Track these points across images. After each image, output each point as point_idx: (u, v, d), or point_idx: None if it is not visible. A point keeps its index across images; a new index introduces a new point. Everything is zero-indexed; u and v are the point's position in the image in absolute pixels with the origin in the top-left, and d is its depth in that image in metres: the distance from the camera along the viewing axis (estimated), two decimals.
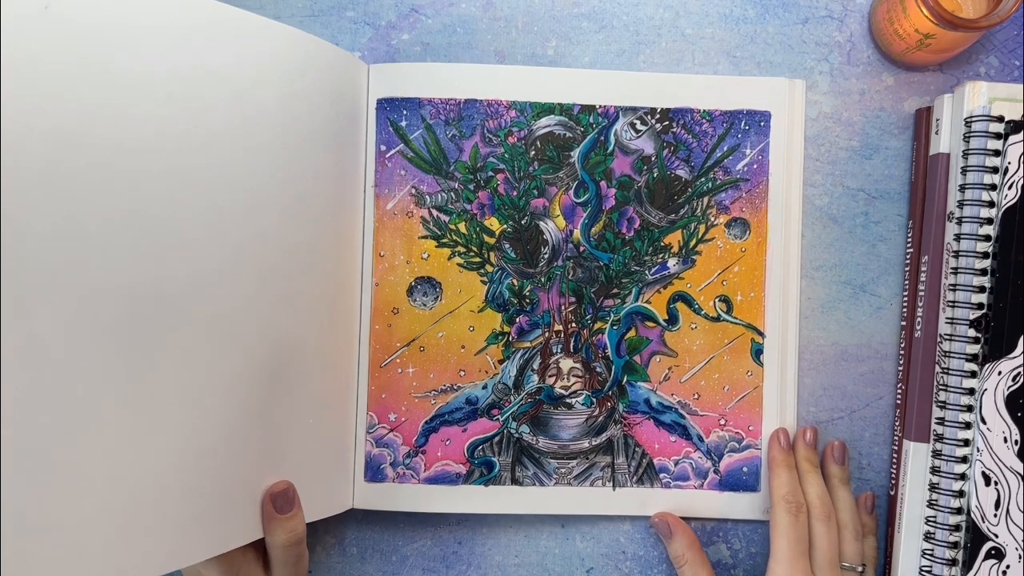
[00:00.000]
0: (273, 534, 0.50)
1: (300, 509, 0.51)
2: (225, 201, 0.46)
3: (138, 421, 0.42)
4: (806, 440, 0.57)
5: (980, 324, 0.53)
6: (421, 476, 0.57)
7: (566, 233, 0.57)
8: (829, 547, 0.53)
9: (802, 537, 0.53)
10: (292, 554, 0.50)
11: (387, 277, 0.57)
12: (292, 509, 0.50)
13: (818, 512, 0.54)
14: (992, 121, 0.53)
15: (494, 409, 0.58)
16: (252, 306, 0.47)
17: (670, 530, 0.56)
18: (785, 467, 0.56)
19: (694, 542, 0.56)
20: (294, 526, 0.50)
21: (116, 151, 0.41)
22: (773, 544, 0.53)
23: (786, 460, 0.56)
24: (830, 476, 0.57)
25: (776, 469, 0.56)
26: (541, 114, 0.57)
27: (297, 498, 0.50)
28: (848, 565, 0.54)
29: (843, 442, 0.58)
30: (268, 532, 0.50)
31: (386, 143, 0.57)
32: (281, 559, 0.50)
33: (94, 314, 0.40)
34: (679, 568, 0.56)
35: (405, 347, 0.57)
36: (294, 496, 0.50)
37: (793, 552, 0.52)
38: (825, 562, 0.53)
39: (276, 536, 0.50)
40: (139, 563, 0.42)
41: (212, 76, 0.45)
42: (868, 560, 0.56)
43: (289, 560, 0.51)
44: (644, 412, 0.58)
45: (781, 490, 0.55)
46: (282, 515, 0.50)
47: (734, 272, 0.58)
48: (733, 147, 0.58)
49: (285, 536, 0.50)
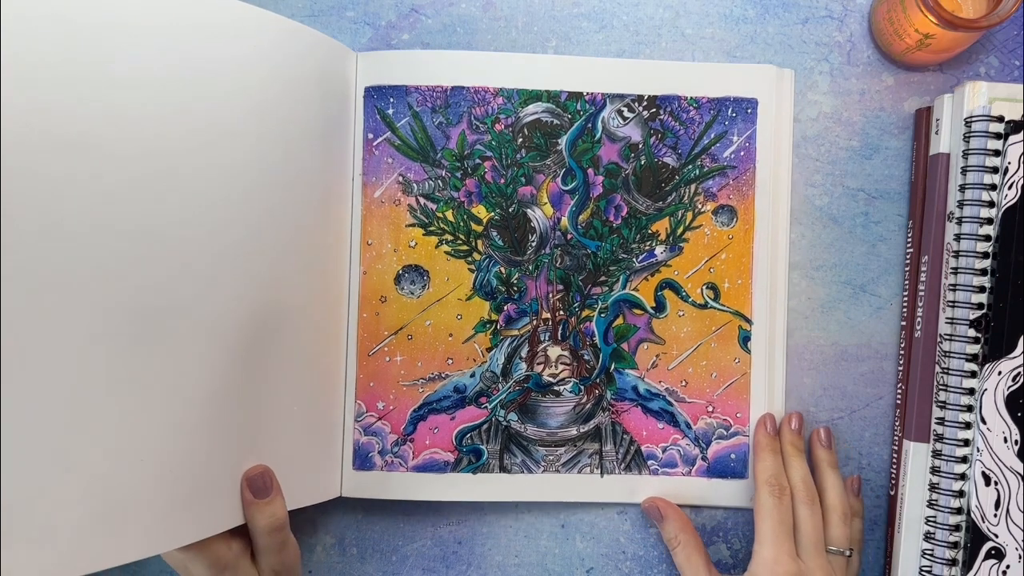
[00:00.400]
0: (253, 519, 0.49)
1: (279, 494, 0.50)
2: (213, 189, 0.46)
3: (121, 406, 0.42)
4: (791, 426, 0.57)
5: (980, 324, 0.53)
6: (409, 464, 0.57)
7: (553, 221, 0.58)
8: (813, 530, 0.53)
9: (786, 519, 0.53)
10: (276, 540, 0.50)
11: (375, 265, 0.57)
12: (270, 494, 0.50)
13: (802, 496, 0.54)
14: (992, 121, 0.53)
15: (482, 397, 0.58)
16: (238, 293, 0.48)
17: (660, 513, 0.56)
18: (770, 451, 0.56)
19: (686, 524, 0.56)
20: (273, 511, 0.50)
21: (106, 142, 0.41)
22: (757, 527, 0.53)
23: (771, 444, 0.56)
24: (818, 461, 0.57)
25: (760, 453, 0.56)
26: (528, 101, 0.57)
27: (275, 483, 0.50)
28: (835, 549, 0.54)
29: (828, 428, 0.58)
30: (248, 518, 0.50)
31: (373, 131, 0.57)
32: (265, 546, 0.50)
33: (77, 300, 0.41)
34: (673, 551, 0.56)
35: (393, 335, 0.57)
36: (271, 481, 0.50)
37: (777, 534, 0.52)
38: (810, 545, 0.52)
39: (257, 521, 0.49)
40: (120, 547, 0.43)
41: (202, 65, 0.46)
42: (855, 543, 0.56)
43: (273, 547, 0.50)
44: (632, 399, 0.58)
45: (765, 473, 0.54)
46: (260, 499, 0.49)
47: (721, 259, 0.58)
48: (720, 134, 0.58)
49: (265, 521, 0.49)
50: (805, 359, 0.59)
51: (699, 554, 0.55)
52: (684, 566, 0.55)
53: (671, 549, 0.56)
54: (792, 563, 0.51)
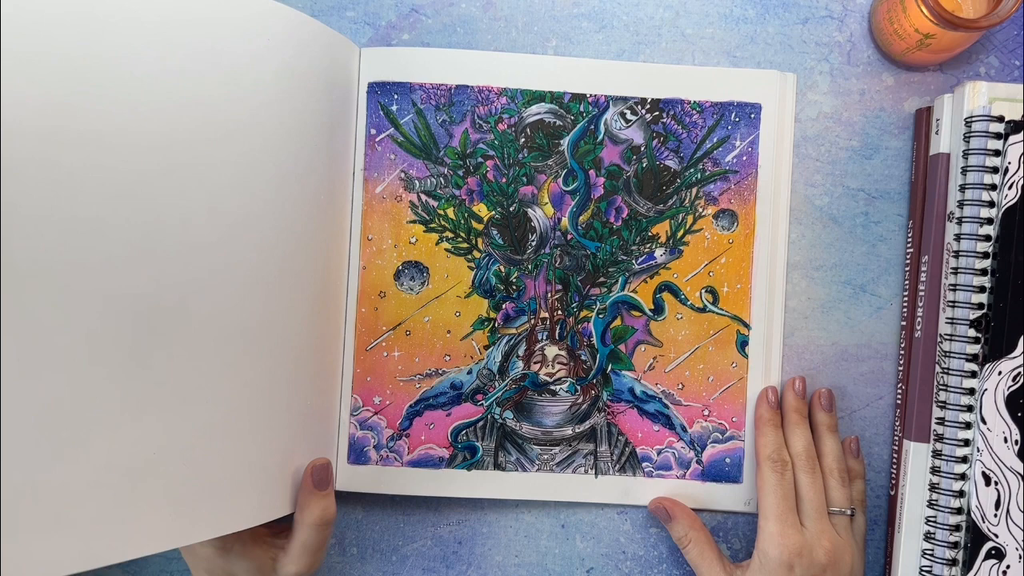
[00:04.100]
0: (306, 509, 0.50)
1: (333, 492, 0.52)
2: (218, 182, 0.46)
3: (121, 400, 0.42)
4: (795, 389, 0.57)
5: (980, 324, 0.53)
6: (404, 459, 0.57)
7: (554, 221, 0.58)
8: (815, 496, 0.53)
9: (788, 494, 0.53)
10: (320, 537, 0.51)
11: (374, 261, 0.58)
12: (327, 487, 0.51)
13: (802, 464, 0.54)
14: (992, 121, 0.53)
15: (478, 394, 0.58)
16: (238, 285, 0.48)
17: (669, 514, 0.56)
18: (772, 425, 0.56)
19: (695, 521, 0.56)
20: (327, 505, 0.51)
21: (111, 136, 0.42)
22: (761, 502, 0.54)
23: (773, 419, 0.56)
24: (818, 424, 0.57)
25: (763, 427, 0.56)
26: (532, 101, 0.58)
27: (333, 479, 0.51)
28: (836, 510, 0.54)
29: (830, 389, 0.58)
30: (302, 507, 0.50)
31: (376, 127, 0.57)
32: (305, 542, 0.51)
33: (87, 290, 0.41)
34: (684, 549, 0.56)
35: (391, 331, 0.58)
36: (330, 475, 0.52)
37: (781, 508, 0.53)
38: (813, 511, 0.53)
39: (310, 512, 0.50)
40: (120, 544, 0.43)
41: (217, 58, 0.46)
42: (857, 503, 0.56)
43: (312, 545, 0.51)
44: (628, 401, 0.58)
45: (767, 449, 0.55)
46: (320, 491, 0.51)
47: (721, 263, 0.58)
48: (723, 138, 0.58)
49: (319, 513, 0.50)
50: (805, 359, 0.59)
51: (711, 549, 0.55)
52: (698, 562, 0.55)
53: (682, 548, 0.56)
54: (798, 535, 0.52)
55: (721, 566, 0.54)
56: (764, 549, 0.52)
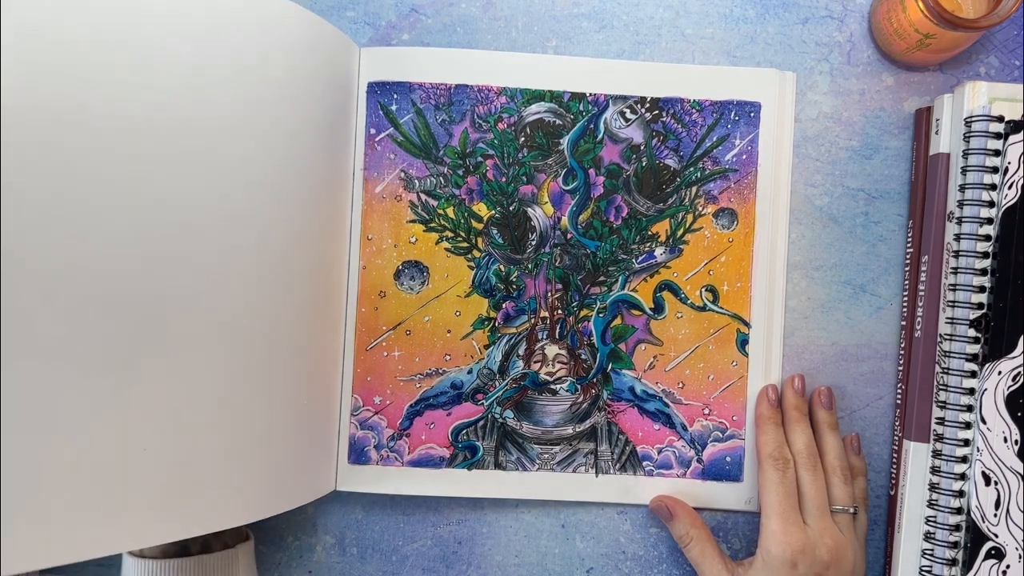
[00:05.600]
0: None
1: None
2: (217, 180, 0.46)
3: (118, 397, 0.42)
4: (795, 387, 0.57)
5: (980, 324, 0.53)
6: (405, 459, 0.57)
7: (554, 220, 0.58)
8: (817, 494, 0.53)
9: (791, 491, 0.53)
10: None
11: (374, 260, 0.57)
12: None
13: (804, 461, 0.54)
14: (992, 121, 0.53)
15: (479, 394, 0.58)
16: (237, 284, 0.48)
17: (670, 512, 0.56)
18: (772, 423, 0.56)
19: (696, 519, 0.56)
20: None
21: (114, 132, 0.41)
22: (763, 500, 0.54)
23: (773, 416, 0.56)
24: (819, 422, 0.57)
25: (763, 425, 0.56)
26: (531, 101, 0.58)
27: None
28: (839, 508, 0.54)
29: (829, 387, 0.58)
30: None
31: (376, 126, 0.57)
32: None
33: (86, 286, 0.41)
34: (685, 547, 0.56)
35: (391, 330, 0.58)
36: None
37: (783, 506, 0.53)
38: (815, 508, 0.53)
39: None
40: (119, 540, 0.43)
41: (227, 54, 0.46)
42: (859, 501, 0.56)
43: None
44: (628, 400, 0.58)
45: (768, 447, 0.55)
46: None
47: (721, 262, 0.58)
48: (722, 137, 0.58)
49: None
50: (805, 359, 0.59)
51: (713, 547, 0.55)
52: (699, 561, 0.55)
53: (683, 546, 0.56)
54: (800, 533, 0.52)
55: (723, 564, 0.54)
56: (767, 547, 0.52)
